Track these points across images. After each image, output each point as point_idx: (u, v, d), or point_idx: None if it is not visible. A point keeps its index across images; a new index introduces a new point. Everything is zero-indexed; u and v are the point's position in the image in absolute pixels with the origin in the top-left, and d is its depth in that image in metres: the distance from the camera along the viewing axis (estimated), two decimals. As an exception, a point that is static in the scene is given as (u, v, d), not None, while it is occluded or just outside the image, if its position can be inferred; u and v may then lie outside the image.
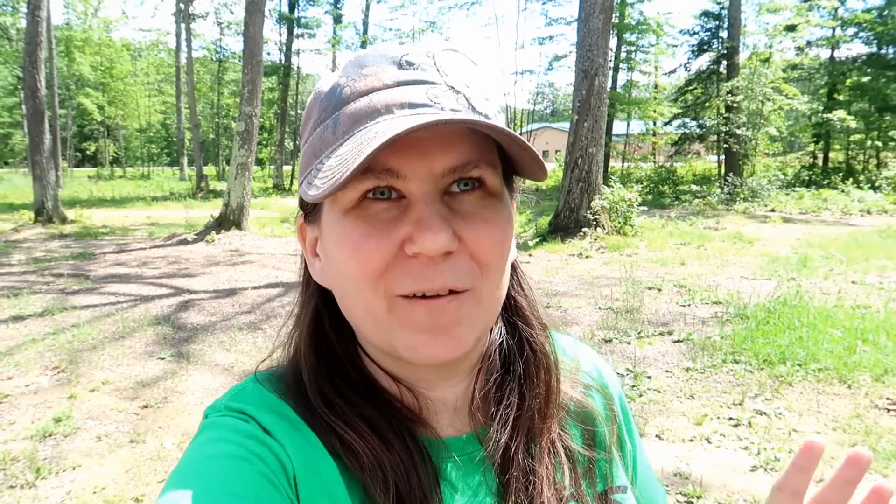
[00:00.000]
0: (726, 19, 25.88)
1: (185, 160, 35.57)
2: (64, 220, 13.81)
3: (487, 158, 0.53)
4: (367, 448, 0.55)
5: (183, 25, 30.81)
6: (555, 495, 0.60)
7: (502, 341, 0.64)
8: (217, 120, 40.77)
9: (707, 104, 26.96)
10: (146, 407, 3.93)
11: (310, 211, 0.61)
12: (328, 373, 0.60)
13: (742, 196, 18.81)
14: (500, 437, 0.60)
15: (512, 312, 0.65)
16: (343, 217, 0.53)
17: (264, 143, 37.17)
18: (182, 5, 30.00)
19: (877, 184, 20.92)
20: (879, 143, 26.52)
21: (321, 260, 0.60)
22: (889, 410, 3.75)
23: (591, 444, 0.67)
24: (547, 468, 0.61)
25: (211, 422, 0.56)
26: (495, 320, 0.61)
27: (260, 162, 36.63)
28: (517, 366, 0.63)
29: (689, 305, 6.36)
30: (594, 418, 0.68)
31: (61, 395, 4.08)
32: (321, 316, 0.62)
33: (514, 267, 0.65)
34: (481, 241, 0.53)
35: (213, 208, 14.30)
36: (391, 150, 0.49)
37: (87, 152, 50.97)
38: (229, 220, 12.13)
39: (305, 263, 0.64)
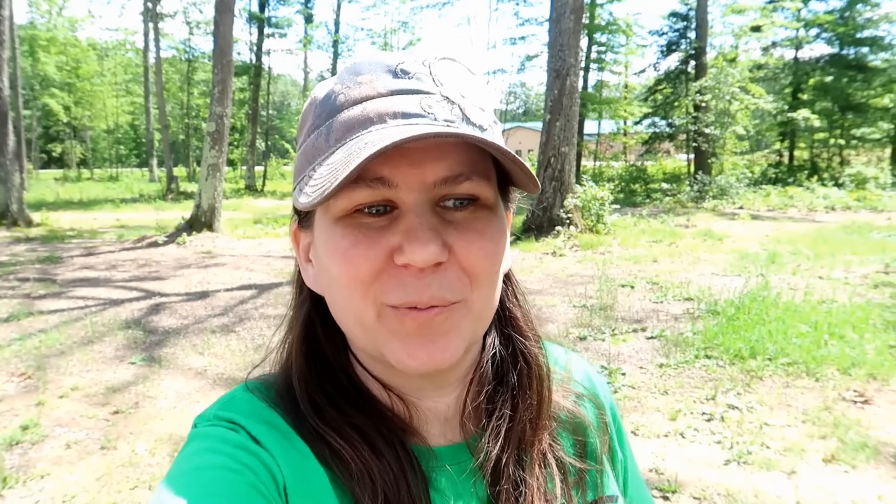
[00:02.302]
0: (694, 20, 26.31)
1: (154, 161, 35.03)
2: (29, 224, 13.49)
3: (480, 170, 0.53)
4: (356, 456, 0.55)
5: (151, 25, 30.30)
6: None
7: (496, 352, 0.64)
8: (187, 120, 40.22)
9: (676, 103, 27.38)
10: (117, 412, 3.85)
11: (303, 217, 0.60)
12: (319, 380, 0.59)
13: (711, 194, 19.15)
14: (492, 448, 0.60)
15: (506, 323, 0.65)
16: (334, 224, 0.53)
17: (235, 143, 36.68)
18: (150, 4, 29.50)
19: (840, 181, 21.47)
20: (842, 142, 27.18)
21: (314, 266, 0.60)
22: (856, 402, 3.84)
23: (582, 453, 0.67)
24: (538, 479, 0.61)
25: (199, 432, 0.55)
26: (486, 330, 0.61)
27: (231, 163, 36.13)
28: (511, 377, 0.63)
29: (661, 302, 6.44)
30: (585, 428, 0.68)
31: (29, 402, 3.98)
32: (313, 322, 0.62)
33: (508, 277, 0.66)
34: (472, 253, 0.52)
35: (184, 210, 14.09)
36: (383, 159, 0.49)
37: (54, 154, 49.90)
38: (201, 222, 11.97)
39: (299, 268, 0.63)
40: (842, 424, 3.51)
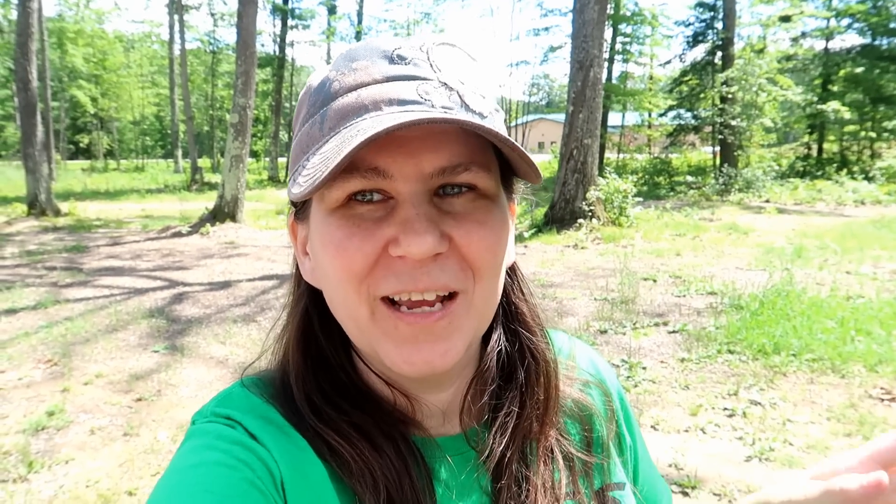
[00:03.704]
0: (721, 10, 25.84)
1: (179, 152, 35.40)
2: (57, 213, 13.73)
3: (480, 160, 0.51)
4: (355, 454, 0.54)
5: (176, 17, 30.60)
6: (550, 499, 0.59)
7: (501, 348, 0.62)
8: (211, 112, 40.57)
9: (702, 95, 26.94)
10: (140, 400, 3.91)
11: (300, 208, 0.59)
12: (316, 377, 0.58)
13: (737, 187, 18.83)
14: (497, 444, 0.59)
15: (512, 319, 0.64)
16: (328, 216, 0.52)
17: (259, 135, 36.99)
18: (175, -4, 29.77)
19: (871, 174, 20.97)
20: (873, 134, 26.55)
21: (311, 259, 0.59)
22: (883, 400, 3.76)
23: (588, 442, 0.66)
24: (542, 476, 0.60)
25: (197, 429, 0.55)
26: (485, 328, 0.59)
27: (255, 154, 36.47)
28: (518, 374, 0.62)
29: (684, 296, 6.37)
30: (592, 416, 0.67)
31: (54, 388, 4.06)
32: (311, 317, 0.61)
33: (513, 270, 0.64)
34: (472, 243, 0.51)
35: (208, 201, 14.24)
36: (378, 148, 0.48)
37: (81, 145, 50.65)
38: (224, 213, 12.09)
39: (297, 262, 0.62)
40: (867, 422, 3.44)
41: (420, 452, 0.57)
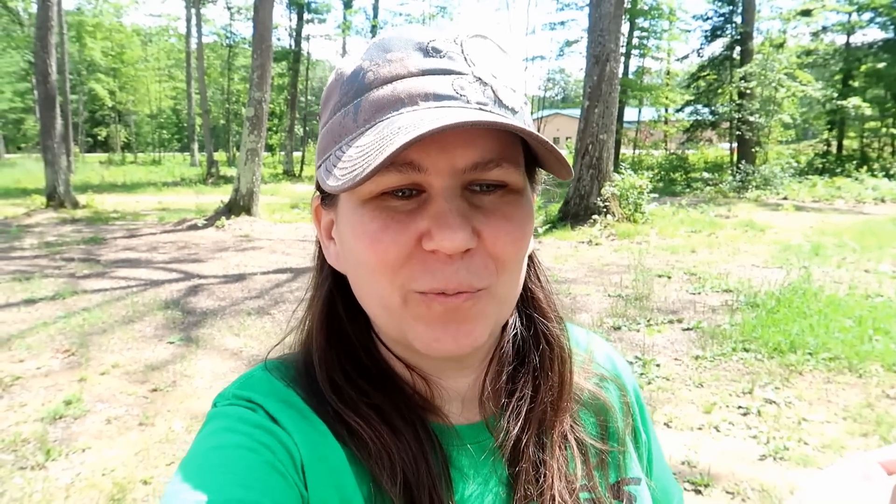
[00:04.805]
0: (740, 4, 25.57)
1: (195, 146, 35.64)
2: (75, 205, 13.89)
3: (510, 156, 0.51)
4: (374, 435, 0.55)
5: (193, 10, 30.76)
6: (566, 487, 0.60)
7: (516, 333, 0.63)
8: (227, 105, 40.78)
9: (720, 91, 26.71)
10: (155, 390, 3.95)
11: (327, 195, 0.59)
12: (339, 359, 0.59)
13: (754, 184, 18.64)
14: (512, 428, 0.59)
15: (528, 304, 0.64)
16: (361, 207, 0.52)
17: (274, 129, 37.14)
18: (192, -10, 29.93)
19: (891, 172, 20.72)
20: (894, 131, 26.17)
21: (336, 244, 0.59)
22: (901, 400, 3.71)
23: (604, 435, 0.66)
24: (558, 460, 0.60)
25: (218, 411, 0.56)
26: (509, 315, 0.60)
27: (270, 148, 36.67)
28: (532, 358, 0.62)
29: (699, 293, 6.32)
30: (608, 410, 0.68)
31: (72, 377, 4.11)
32: (335, 300, 0.61)
33: (531, 258, 0.64)
34: (500, 239, 0.52)
35: (224, 194, 14.34)
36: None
37: (99, 138, 51.18)
38: (239, 206, 12.17)
39: (320, 246, 0.63)
40: (884, 422, 3.40)
41: (437, 438, 0.57)
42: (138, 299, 6.09)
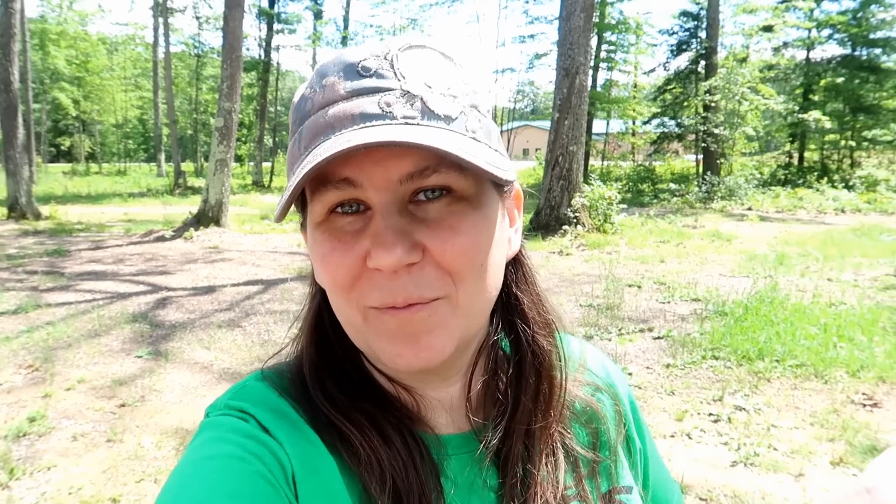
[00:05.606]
0: (705, 19, 26.15)
1: (162, 156, 35.06)
2: (38, 217, 13.56)
3: (450, 161, 0.49)
4: (365, 442, 0.55)
5: (161, 20, 30.37)
6: (556, 496, 0.60)
7: (496, 341, 0.63)
8: (195, 116, 40.31)
9: (685, 103, 27.22)
10: (123, 406, 3.86)
11: (303, 218, 0.60)
12: (329, 369, 0.60)
13: (720, 195, 19.04)
14: (498, 437, 0.59)
15: (511, 311, 0.63)
16: (315, 229, 0.53)
17: (243, 139, 36.76)
18: (159, -1, 29.58)
19: (850, 183, 21.30)
20: (853, 143, 26.92)
21: None
22: (865, 405, 3.81)
23: (596, 444, 0.66)
24: (547, 469, 0.60)
25: (210, 421, 0.56)
26: (483, 324, 0.59)
27: (239, 158, 36.24)
28: (517, 366, 0.62)
29: (668, 302, 6.41)
30: (600, 419, 0.68)
31: (36, 393, 4.00)
32: (322, 315, 0.62)
33: (518, 262, 0.63)
34: (446, 251, 0.51)
35: (192, 205, 14.12)
36: (345, 159, 0.49)
37: (62, 148, 50.04)
38: (208, 217, 12.00)
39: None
40: (850, 427, 3.48)
41: (426, 447, 0.57)
42: (104, 312, 5.96)
